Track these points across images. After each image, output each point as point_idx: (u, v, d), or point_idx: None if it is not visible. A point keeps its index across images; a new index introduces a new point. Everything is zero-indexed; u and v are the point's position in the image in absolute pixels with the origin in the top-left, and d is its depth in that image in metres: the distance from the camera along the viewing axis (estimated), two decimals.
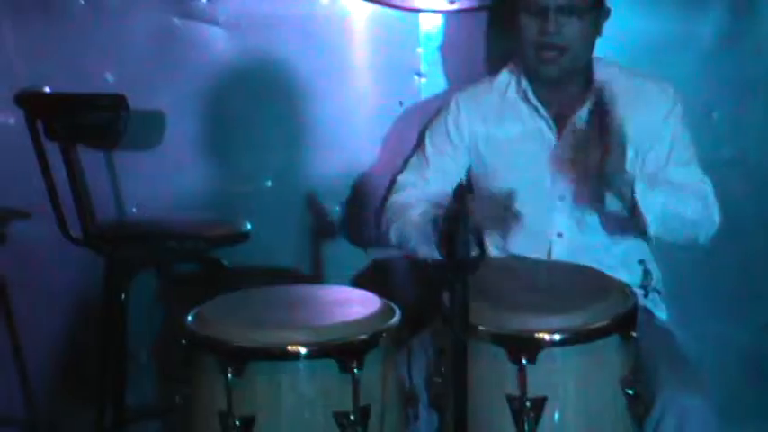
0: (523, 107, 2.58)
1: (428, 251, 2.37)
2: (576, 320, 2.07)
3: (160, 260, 3.02)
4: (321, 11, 2.98)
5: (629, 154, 2.36)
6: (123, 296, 2.78)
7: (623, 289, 2.21)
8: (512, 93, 2.61)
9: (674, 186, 2.44)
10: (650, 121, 2.50)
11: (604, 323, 2.07)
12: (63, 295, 3.09)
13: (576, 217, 2.54)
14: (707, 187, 2.50)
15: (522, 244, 2.56)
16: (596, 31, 2.52)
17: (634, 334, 2.10)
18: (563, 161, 2.53)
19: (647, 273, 2.57)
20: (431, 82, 3.01)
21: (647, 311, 2.49)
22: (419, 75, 3.01)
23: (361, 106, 3.03)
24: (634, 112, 2.44)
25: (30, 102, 2.70)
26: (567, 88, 2.55)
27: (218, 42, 2.99)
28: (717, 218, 2.49)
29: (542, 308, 2.11)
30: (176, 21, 2.98)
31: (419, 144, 2.74)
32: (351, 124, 3.04)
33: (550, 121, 2.56)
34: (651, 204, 2.36)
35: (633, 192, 2.35)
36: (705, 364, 2.46)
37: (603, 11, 2.52)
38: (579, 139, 2.51)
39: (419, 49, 3.00)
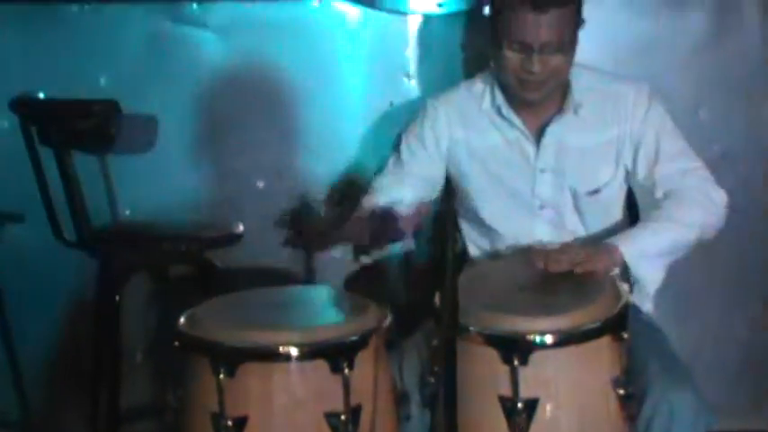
0: (498, 119, 2.51)
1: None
2: (567, 322, 2.01)
3: (153, 262, 2.96)
4: (312, 14, 2.93)
5: (613, 167, 2.41)
6: (117, 298, 2.73)
7: (614, 289, 2.15)
8: (486, 104, 2.52)
9: (667, 217, 2.38)
10: (632, 124, 2.45)
11: (596, 325, 2.02)
12: (57, 297, 3.04)
13: (556, 224, 2.48)
14: (702, 180, 2.44)
15: (504, 253, 2.51)
16: (575, 46, 2.42)
17: (625, 335, 2.04)
18: (542, 171, 2.47)
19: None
20: (420, 83, 2.96)
21: (633, 307, 2.43)
22: (408, 76, 2.96)
23: (351, 108, 2.98)
24: (614, 117, 2.43)
25: (24, 108, 2.71)
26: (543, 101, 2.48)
27: (209, 46, 2.94)
28: (720, 201, 2.44)
29: (534, 309, 2.06)
30: (168, 25, 2.93)
31: (395, 147, 2.63)
32: (342, 126, 2.98)
33: (527, 132, 2.48)
34: (648, 272, 2.34)
35: (625, 261, 2.31)
36: (701, 357, 2.42)
37: (581, 25, 2.41)
38: (560, 153, 2.45)
39: (408, 51, 2.94)
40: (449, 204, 1.80)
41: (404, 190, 2.51)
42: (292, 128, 2.98)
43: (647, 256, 2.32)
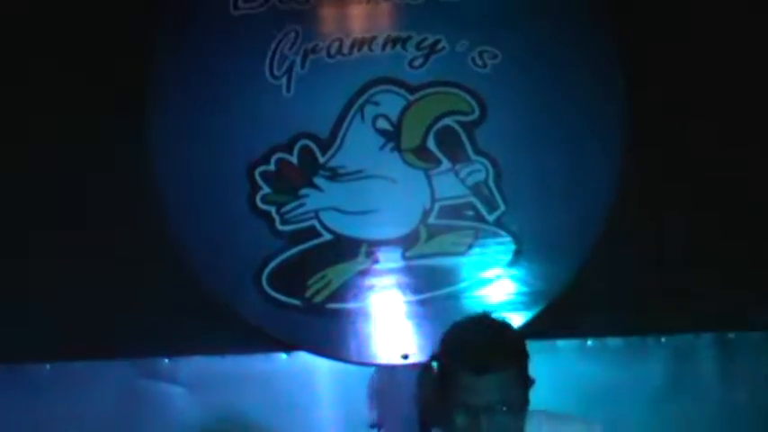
0: None
1: None
2: None
3: None
4: (280, 366, 2.95)
5: None
6: None
7: None
8: None
9: None
10: None
11: None
12: None
13: None
14: None
15: None
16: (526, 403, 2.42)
17: None
18: None
19: None
20: None
21: None
22: (374, 426, 2.92)
23: None
24: None
25: None
26: None
27: (179, 401, 2.93)
28: None
29: None
30: (138, 381, 2.93)
31: None
32: None
33: None
34: None
35: None
36: None
37: (530, 384, 2.39)
38: None
39: (374, 402, 2.93)
40: None
41: None
42: None
43: None
